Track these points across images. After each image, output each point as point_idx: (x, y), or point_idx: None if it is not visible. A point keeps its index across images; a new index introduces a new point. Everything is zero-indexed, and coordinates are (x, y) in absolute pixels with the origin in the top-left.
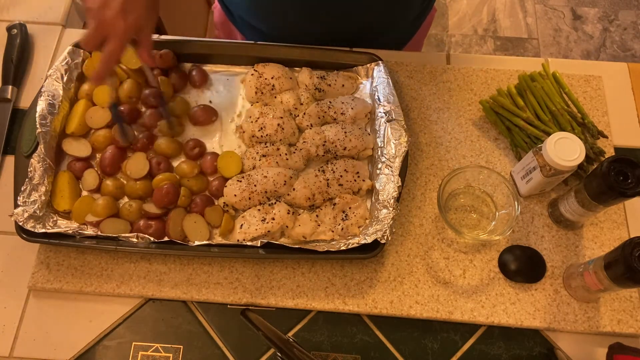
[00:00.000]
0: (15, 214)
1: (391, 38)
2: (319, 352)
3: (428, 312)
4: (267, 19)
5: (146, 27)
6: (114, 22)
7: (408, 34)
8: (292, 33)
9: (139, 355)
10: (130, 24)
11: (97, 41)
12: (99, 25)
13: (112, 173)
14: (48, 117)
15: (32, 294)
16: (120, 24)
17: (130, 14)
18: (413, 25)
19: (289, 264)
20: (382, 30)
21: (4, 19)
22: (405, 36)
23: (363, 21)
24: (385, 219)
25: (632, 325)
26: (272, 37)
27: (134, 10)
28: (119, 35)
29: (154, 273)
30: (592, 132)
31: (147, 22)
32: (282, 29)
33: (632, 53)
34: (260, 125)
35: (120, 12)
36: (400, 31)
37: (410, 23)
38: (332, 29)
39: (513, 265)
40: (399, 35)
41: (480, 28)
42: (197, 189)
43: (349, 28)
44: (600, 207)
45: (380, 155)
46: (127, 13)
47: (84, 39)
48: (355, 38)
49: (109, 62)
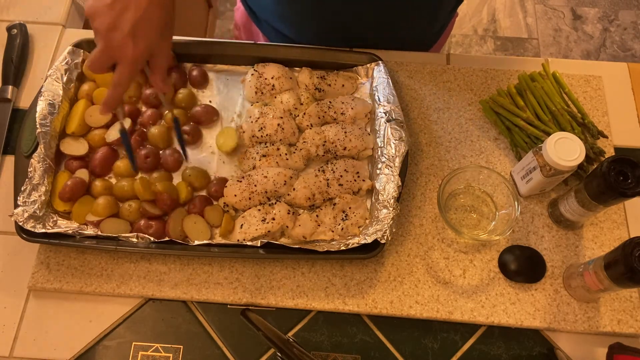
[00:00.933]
0: (15, 214)
1: (415, 47)
2: (319, 352)
3: (428, 312)
4: (295, 26)
5: (159, 52)
6: (123, 46)
7: (432, 41)
8: (317, 40)
9: (139, 355)
10: (141, 50)
11: (105, 65)
12: (106, 49)
13: (102, 174)
14: (48, 117)
15: (32, 294)
16: (129, 49)
17: (141, 38)
18: (437, 34)
19: (289, 264)
20: (407, 41)
21: (4, 19)
22: (430, 43)
23: (389, 33)
24: (385, 219)
25: (632, 325)
26: (296, 40)
27: (145, 35)
28: (128, 61)
29: (154, 273)
30: (592, 132)
31: (159, 47)
32: (309, 37)
33: (632, 53)
34: (260, 125)
35: (130, 36)
36: (425, 39)
37: (435, 33)
38: (357, 38)
39: (513, 265)
40: (423, 44)
41: (480, 28)
42: (198, 185)
43: (373, 36)
44: (600, 207)
45: (380, 155)
46: (137, 38)
47: (91, 60)
48: (379, 47)
49: (117, 89)
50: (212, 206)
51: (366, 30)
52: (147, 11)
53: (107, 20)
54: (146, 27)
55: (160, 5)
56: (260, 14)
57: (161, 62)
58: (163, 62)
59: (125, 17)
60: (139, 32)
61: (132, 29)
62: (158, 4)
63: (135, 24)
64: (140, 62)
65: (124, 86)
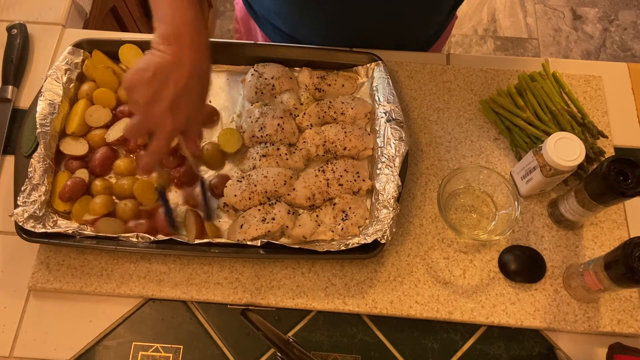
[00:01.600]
0: (15, 214)
1: (413, 47)
2: (319, 352)
3: (428, 312)
4: (292, 23)
5: (195, 120)
6: (163, 119)
7: (430, 42)
8: (313, 38)
9: (139, 355)
10: (180, 122)
11: (142, 133)
12: (145, 121)
13: (102, 173)
14: (48, 117)
15: (32, 294)
16: (169, 122)
17: (180, 112)
18: (435, 35)
19: (289, 264)
20: (405, 41)
21: (4, 19)
22: (428, 44)
23: (387, 34)
24: (385, 219)
25: (632, 325)
26: (294, 39)
27: (183, 109)
28: (166, 134)
29: (154, 273)
30: (592, 132)
31: (196, 115)
32: (306, 35)
33: (632, 53)
34: (260, 125)
35: (170, 109)
36: (424, 39)
37: (433, 34)
38: (355, 37)
39: (513, 265)
40: (422, 44)
41: (480, 28)
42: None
43: (372, 36)
44: (600, 207)
45: (380, 155)
46: (176, 111)
47: (130, 130)
48: (377, 46)
49: (154, 157)
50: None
51: (363, 32)
52: (186, 85)
53: (147, 94)
54: (185, 101)
55: (199, 79)
56: (258, 9)
57: (196, 127)
58: (198, 127)
59: (165, 92)
60: (178, 106)
61: (171, 104)
62: (198, 78)
63: (174, 98)
64: (177, 133)
65: (160, 155)
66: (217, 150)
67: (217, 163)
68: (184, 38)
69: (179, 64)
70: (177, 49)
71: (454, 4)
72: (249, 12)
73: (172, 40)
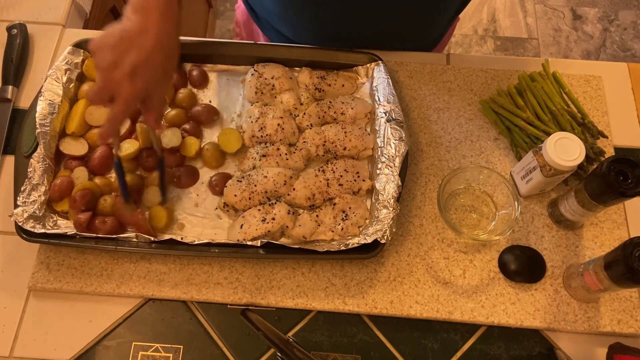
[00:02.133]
0: (15, 214)
1: (415, 49)
2: (319, 352)
3: (428, 312)
4: (293, 26)
5: (156, 92)
6: (121, 84)
7: (432, 45)
8: (315, 42)
9: (139, 355)
10: (138, 89)
11: (103, 98)
12: (105, 84)
13: (102, 172)
14: (48, 117)
15: (32, 294)
16: (126, 87)
17: (140, 78)
18: (437, 39)
19: (289, 264)
20: (407, 45)
21: (4, 19)
22: (430, 47)
23: (389, 39)
24: (385, 219)
25: (632, 325)
26: (296, 42)
27: (143, 77)
28: (123, 99)
29: (154, 273)
30: (592, 132)
31: (157, 87)
32: (308, 39)
33: (632, 53)
34: (260, 125)
35: (129, 75)
36: (425, 43)
37: (436, 38)
38: (356, 41)
39: (513, 265)
40: (423, 47)
41: (480, 28)
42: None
43: (372, 41)
44: (600, 207)
45: (380, 155)
46: (136, 77)
47: (91, 94)
48: (378, 49)
49: (112, 124)
50: None
51: (365, 36)
52: (149, 55)
53: (109, 58)
54: (146, 69)
55: (164, 52)
56: (260, 13)
57: (157, 101)
58: (157, 103)
59: (127, 58)
60: (138, 73)
61: (131, 70)
62: (161, 50)
63: (135, 65)
64: (136, 100)
65: (118, 121)
66: (217, 150)
67: (217, 163)
68: (151, 10)
69: (143, 33)
70: (144, 19)
71: (457, 9)
72: (250, 15)
73: (140, 10)
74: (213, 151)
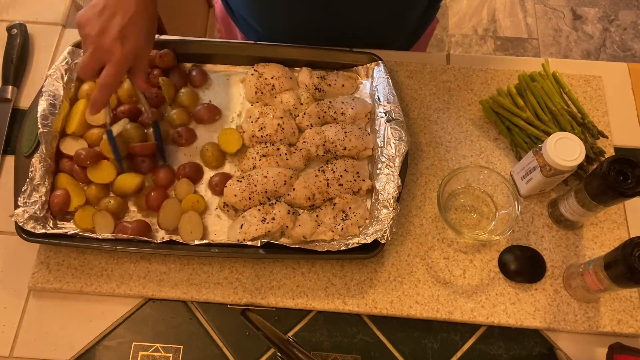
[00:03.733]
0: (16, 215)
1: (394, 45)
2: (319, 352)
3: (428, 312)
4: (267, 24)
5: (143, 54)
6: (111, 48)
7: (408, 43)
8: (287, 39)
9: (139, 355)
10: (128, 51)
11: (94, 68)
12: (95, 52)
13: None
14: (49, 117)
15: (32, 294)
16: (118, 50)
17: (128, 40)
18: (412, 36)
19: (289, 264)
20: (382, 39)
21: (4, 19)
22: (408, 42)
23: (359, 36)
24: (385, 219)
25: (632, 325)
26: (269, 39)
27: (131, 37)
28: (116, 62)
29: (154, 273)
30: (592, 132)
31: (144, 49)
32: (280, 34)
33: (632, 53)
34: (260, 125)
35: (118, 38)
36: (402, 36)
37: (412, 31)
38: (328, 34)
39: (513, 265)
40: (402, 40)
41: (480, 28)
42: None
43: (345, 35)
44: (600, 207)
45: (380, 155)
46: (124, 39)
47: (81, 66)
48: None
49: (105, 90)
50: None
51: (336, 32)
52: (133, 17)
53: (97, 25)
54: (133, 31)
55: (146, 12)
56: (235, 9)
57: (144, 63)
58: (146, 63)
59: (113, 22)
60: (126, 35)
61: (120, 33)
62: (143, 11)
63: (122, 28)
64: (127, 64)
65: (111, 87)
66: (217, 150)
67: (217, 163)
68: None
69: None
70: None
71: (428, 3)
72: (227, 11)
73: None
74: (213, 151)
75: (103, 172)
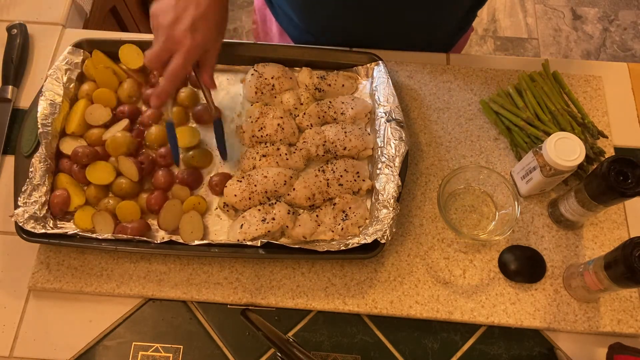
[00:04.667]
0: (16, 215)
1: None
2: (319, 352)
3: (428, 312)
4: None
5: (212, 48)
6: (182, 39)
7: (446, 45)
8: (324, 30)
9: (139, 355)
10: (198, 42)
11: (164, 58)
12: (167, 41)
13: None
14: (49, 117)
15: (32, 294)
16: (188, 41)
17: (199, 32)
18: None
19: (289, 264)
20: (417, 40)
21: (4, 19)
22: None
23: (397, 33)
24: (385, 219)
25: (632, 325)
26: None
27: (202, 29)
28: (185, 52)
29: (154, 273)
30: (592, 132)
31: (213, 43)
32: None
33: (632, 53)
34: (260, 125)
35: (190, 29)
36: (437, 40)
37: (448, 35)
38: (365, 38)
39: (513, 265)
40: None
41: (480, 28)
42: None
43: (381, 39)
44: (600, 207)
45: (380, 155)
46: (196, 31)
47: (151, 55)
48: (385, 42)
49: (172, 81)
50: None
51: (374, 30)
52: (206, 9)
53: (171, 16)
54: (205, 23)
55: (219, 5)
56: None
57: (212, 59)
58: (214, 59)
59: (186, 13)
60: (198, 26)
61: (192, 24)
62: (216, 4)
63: (195, 19)
64: (195, 55)
65: (178, 77)
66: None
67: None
68: None
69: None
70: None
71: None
72: (265, 1)
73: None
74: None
75: (101, 173)
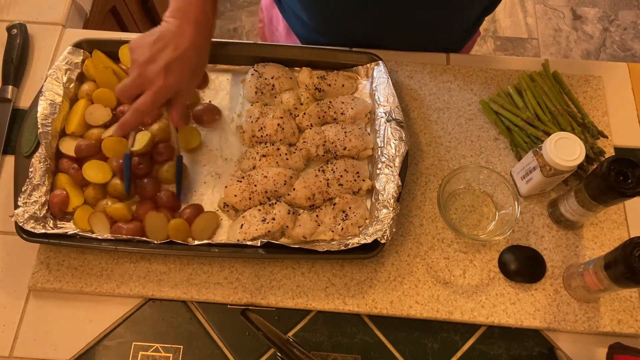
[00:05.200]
0: (16, 215)
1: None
2: (319, 352)
3: (428, 312)
4: (313, 15)
5: (184, 90)
6: (154, 78)
7: (455, 46)
8: (337, 29)
9: (139, 355)
10: (170, 83)
11: (133, 92)
12: (138, 78)
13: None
14: (49, 117)
15: (32, 294)
16: (160, 81)
17: (173, 74)
18: (460, 40)
19: (289, 264)
20: (425, 46)
21: (4, 19)
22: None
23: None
24: (385, 219)
25: (632, 325)
26: (317, 31)
27: (176, 71)
28: (155, 92)
29: (154, 273)
30: (592, 132)
31: (186, 86)
32: (326, 32)
33: (632, 53)
34: (260, 125)
35: (164, 69)
36: (445, 41)
37: (458, 37)
38: (373, 38)
39: (513, 265)
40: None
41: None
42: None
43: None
44: (600, 207)
45: (380, 155)
46: (169, 72)
47: (121, 88)
48: (395, 44)
49: (136, 115)
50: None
51: (383, 32)
52: (184, 52)
53: (147, 54)
54: (180, 66)
55: (197, 51)
56: (284, 0)
57: (184, 99)
58: (184, 100)
59: (163, 54)
60: (172, 68)
61: (166, 65)
62: (195, 50)
63: (170, 61)
64: (166, 95)
65: (142, 113)
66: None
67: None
68: (189, 14)
69: (180, 34)
70: (182, 22)
71: (480, 14)
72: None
73: (178, 14)
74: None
75: (97, 171)
